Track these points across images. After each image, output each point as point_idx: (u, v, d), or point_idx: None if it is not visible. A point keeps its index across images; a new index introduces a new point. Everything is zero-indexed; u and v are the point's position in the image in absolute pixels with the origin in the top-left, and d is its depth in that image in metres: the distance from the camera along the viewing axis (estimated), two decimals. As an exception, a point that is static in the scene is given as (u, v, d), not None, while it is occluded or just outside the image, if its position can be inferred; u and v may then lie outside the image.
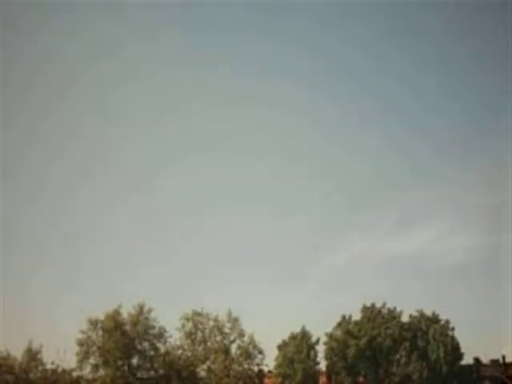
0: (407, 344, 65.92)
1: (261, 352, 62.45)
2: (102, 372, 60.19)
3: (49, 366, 62.41)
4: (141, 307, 62.05)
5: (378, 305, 69.58)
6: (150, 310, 62.24)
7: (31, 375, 62.20)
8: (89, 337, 60.41)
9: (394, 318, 68.44)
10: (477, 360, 68.89)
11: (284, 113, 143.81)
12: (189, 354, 62.88)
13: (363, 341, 66.30)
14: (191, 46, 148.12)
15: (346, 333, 67.47)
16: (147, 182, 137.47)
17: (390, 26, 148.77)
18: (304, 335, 67.79)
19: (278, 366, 67.91)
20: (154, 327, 62.26)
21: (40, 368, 62.79)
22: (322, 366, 68.68)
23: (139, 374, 62.07)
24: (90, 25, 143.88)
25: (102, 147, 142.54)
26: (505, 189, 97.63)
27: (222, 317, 63.30)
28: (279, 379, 67.76)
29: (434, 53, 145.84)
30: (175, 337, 63.33)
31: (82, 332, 60.34)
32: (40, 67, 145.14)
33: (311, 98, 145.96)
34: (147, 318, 62.11)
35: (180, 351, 63.04)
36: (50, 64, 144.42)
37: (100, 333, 60.63)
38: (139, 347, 61.63)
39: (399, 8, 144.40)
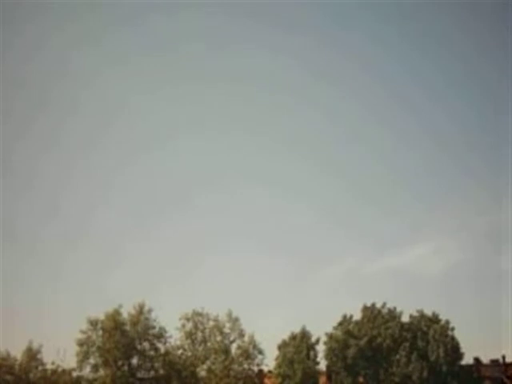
0: (407, 344, 65.86)
1: (261, 352, 62.53)
2: (102, 372, 60.25)
3: (49, 366, 62.55)
4: (141, 307, 62.15)
5: (378, 305, 69.63)
6: (149, 310, 62.36)
7: (31, 375, 62.28)
8: (89, 337, 60.49)
9: (394, 318, 68.42)
10: (477, 360, 68.87)
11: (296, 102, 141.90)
12: (189, 354, 62.90)
13: (363, 341, 66.26)
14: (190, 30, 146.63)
15: (346, 333, 67.43)
16: (148, 182, 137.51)
17: (401, 27, 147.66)
18: (304, 335, 67.71)
19: (278, 366, 67.83)
20: (154, 327, 62.35)
21: (40, 368, 62.90)
22: (322, 366, 68.69)
23: (139, 374, 62.11)
24: (84, 16, 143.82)
25: (99, 141, 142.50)
26: (505, 195, 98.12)
27: (222, 317, 63.41)
28: (279, 379, 67.75)
29: (437, 51, 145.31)
30: (175, 337, 63.51)
31: (82, 332, 60.45)
32: (33, 60, 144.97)
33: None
34: (147, 318, 62.18)
35: (180, 351, 63.06)
36: (43, 56, 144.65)
37: (100, 333, 60.71)
38: (139, 347, 61.68)
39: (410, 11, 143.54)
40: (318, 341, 67.96)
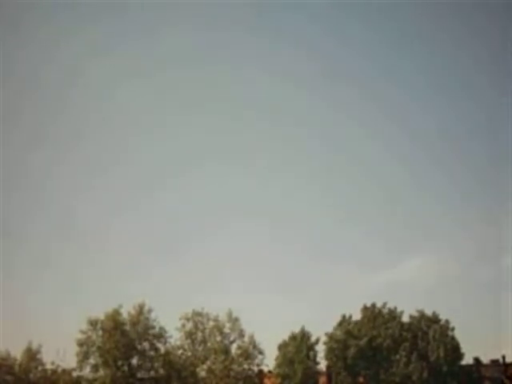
0: (407, 344, 65.89)
1: (261, 352, 62.47)
2: (101, 372, 60.22)
3: (49, 366, 62.68)
4: (141, 307, 62.10)
5: (379, 305, 69.62)
6: (149, 310, 62.33)
7: (31, 375, 62.39)
8: (89, 337, 60.46)
9: (395, 318, 68.42)
10: (477, 360, 68.89)
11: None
12: (189, 354, 62.87)
13: (363, 341, 66.28)
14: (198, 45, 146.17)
15: (346, 333, 67.43)
16: (148, 183, 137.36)
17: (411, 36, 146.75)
18: (304, 335, 67.74)
19: (278, 366, 67.89)
20: (153, 327, 62.32)
21: (40, 368, 63.04)
22: (322, 366, 68.77)
23: (139, 374, 62.08)
24: (93, 23, 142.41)
25: (107, 148, 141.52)
26: (505, 201, 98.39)
27: (222, 317, 63.34)
28: (279, 379, 67.77)
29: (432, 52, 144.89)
30: (175, 337, 63.47)
31: (82, 332, 60.40)
32: (42, 67, 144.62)
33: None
34: (147, 318, 62.15)
35: (180, 351, 63.01)
36: (52, 63, 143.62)
37: (100, 333, 60.68)
38: (139, 347, 61.65)
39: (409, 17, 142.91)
40: (317, 341, 68.01)
